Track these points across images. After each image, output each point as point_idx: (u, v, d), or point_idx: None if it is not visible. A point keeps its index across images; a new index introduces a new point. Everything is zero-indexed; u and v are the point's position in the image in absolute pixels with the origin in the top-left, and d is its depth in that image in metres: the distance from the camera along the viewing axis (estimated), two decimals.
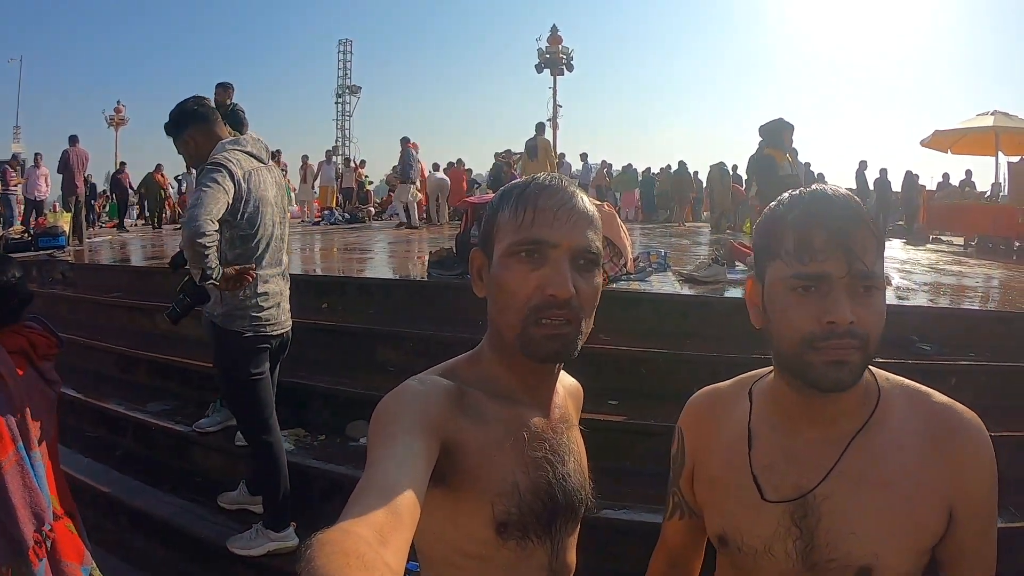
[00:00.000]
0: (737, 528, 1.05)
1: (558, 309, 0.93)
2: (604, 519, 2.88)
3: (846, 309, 0.89)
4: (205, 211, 2.60)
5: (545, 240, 0.94)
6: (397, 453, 0.80)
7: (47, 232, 9.82)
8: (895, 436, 0.98)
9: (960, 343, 3.97)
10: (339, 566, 0.57)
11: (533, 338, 0.94)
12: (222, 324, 2.94)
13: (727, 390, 1.16)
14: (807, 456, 1.00)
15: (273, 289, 3.02)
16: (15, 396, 2.07)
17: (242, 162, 2.86)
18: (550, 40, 23.49)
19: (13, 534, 2.03)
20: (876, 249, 0.92)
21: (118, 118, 31.22)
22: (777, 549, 1.00)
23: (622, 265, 4.95)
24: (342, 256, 8.32)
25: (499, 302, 0.97)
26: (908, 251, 10.37)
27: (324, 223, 16.06)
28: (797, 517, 0.98)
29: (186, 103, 3.04)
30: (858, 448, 0.98)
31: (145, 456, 4.07)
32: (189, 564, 3.33)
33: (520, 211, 0.96)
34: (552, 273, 0.93)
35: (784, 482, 1.00)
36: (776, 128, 5.59)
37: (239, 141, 2.97)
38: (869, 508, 0.95)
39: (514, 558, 0.97)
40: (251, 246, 2.91)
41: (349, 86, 40.75)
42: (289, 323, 3.18)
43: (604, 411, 3.50)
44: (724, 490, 1.08)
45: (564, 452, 1.05)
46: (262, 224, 2.93)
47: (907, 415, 0.99)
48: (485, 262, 1.01)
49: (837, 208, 0.93)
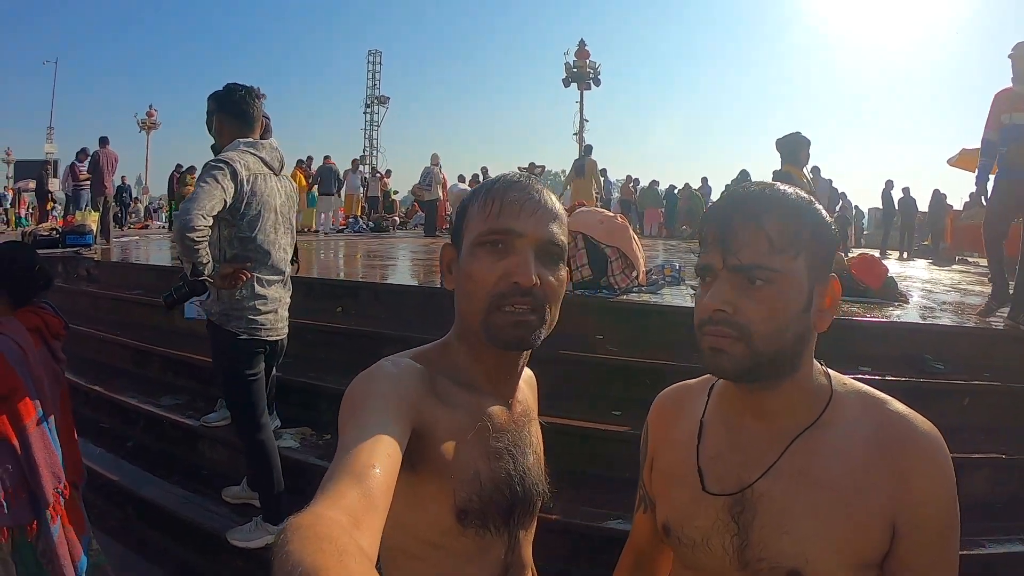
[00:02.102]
0: (678, 518, 1.05)
1: (522, 296, 0.96)
2: (597, 528, 2.88)
3: (715, 297, 0.93)
4: (198, 207, 2.63)
5: (511, 230, 0.97)
6: (370, 435, 0.80)
7: (75, 230, 9.99)
8: (841, 438, 0.95)
9: (975, 363, 3.89)
10: (313, 550, 0.57)
11: (496, 324, 0.97)
12: (218, 322, 2.98)
13: (693, 386, 1.16)
14: (750, 450, 0.99)
15: (272, 295, 3.03)
16: (34, 368, 2.26)
17: (250, 164, 2.88)
18: (578, 54, 23.55)
19: (36, 491, 2.22)
20: (769, 244, 0.91)
21: (150, 122, 31.85)
22: (714, 543, 0.99)
23: (634, 277, 4.94)
24: (361, 263, 8.38)
25: (466, 290, 0.99)
26: (932, 271, 10.23)
27: (348, 231, 16.20)
28: (735, 512, 0.98)
29: (238, 90, 3.07)
30: (801, 447, 0.96)
31: (155, 448, 4.13)
32: (190, 554, 3.37)
33: (488, 203, 0.99)
34: (517, 262, 0.96)
35: (727, 475, 1.00)
36: (792, 144, 5.56)
37: (255, 145, 2.99)
38: (804, 508, 0.93)
39: (472, 548, 0.98)
40: (250, 248, 2.93)
41: (377, 97, 41.01)
42: (286, 330, 3.19)
43: (607, 421, 3.49)
44: (672, 480, 1.08)
45: (525, 445, 1.06)
46: (262, 229, 2.94)
47: (858, 419, 0.97)
48: (454, 255, 1.04)
49: (729, 204, 0.96)
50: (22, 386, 2.21)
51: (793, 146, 5.63)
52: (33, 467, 2.22)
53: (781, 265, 0.91)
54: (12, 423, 2.18)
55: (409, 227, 18.57)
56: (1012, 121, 4.68)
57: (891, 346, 4.00)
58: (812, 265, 0.93)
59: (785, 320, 0.92)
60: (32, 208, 21.15)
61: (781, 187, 0.97)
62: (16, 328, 2.28)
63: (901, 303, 5.23)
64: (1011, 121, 4.69)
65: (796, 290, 0.92)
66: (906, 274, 8.50)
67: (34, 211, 20.78)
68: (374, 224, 16.82)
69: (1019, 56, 4.80)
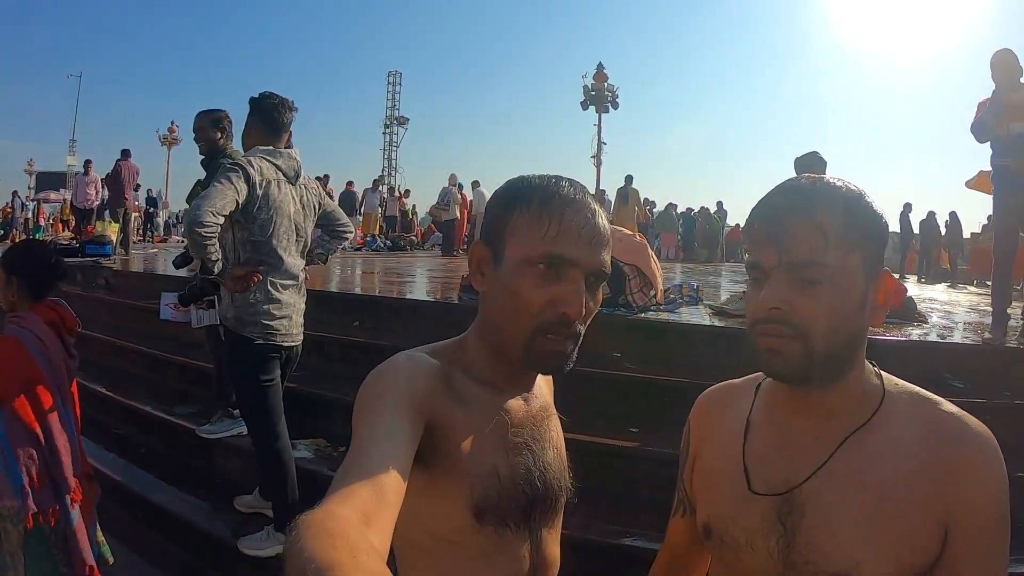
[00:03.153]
0: (721, 518, 1.02)
1: (566, 327, 0.94)
2: (614, 545, 2.84)
3: (771, 295, 0.90)
4: (209, 204, 2.67)
5: (567, 258, 0.93)
6: (383, 431, 0.80)
7: (94, 240, 10.13)
8: (893, 440, 0.92)
9: (995, 382, 3.83)
10: (325, 547, 0.57)
11: (538, 352, 0.94)
12: (233, 328, 2.97)
13: (738, 385, 1.14)
14: (799, 451, 0.96)
15: (286, 300, 3.03)
16: (53, 359, 2.38)
17: (264, 170, 2.91)
18: (596, 77, 23.69)
19: (57, 478, 2.33)
20: (824, 239, 0.88)
21: (171, 137, 32.31)
22: (759, 544, 0.96)
23: (652, 296, 4.92)
24: (378, 279, 8.42)
25: (507, 308, 0.95)
26: (950, 293, 10.14)
27: (366, 249, 16.31)
28: (782, 513, 0.95)
29: (272, 99, 3.12)
30: (852, 448, 0.92)
31: (169, 455, 4.14)
32: (200, 561, 3.37)
33: (545, 221, 0.94)
34: (569, 292, 0.93)
35: (773, 475, 0.97)
36: (805, 164, 5.54)
37: (273, 152, 3.02)
38: (854, 510, 0.90)
39: (490, 546, 0.96)
40: (263, 253, 2.96)
41: (397, 117, 41.53)
42: (300, 337, 3.18)
43: (624, 438, 3.46)
44: (715, 479, 1.05)
45: (544, 440, 1.04)
46: (275, 234, 2.97)
47: (910, 420, 0.93)
48: (488, 256, 0.99)
49: (781, 199, 0.93)
50: (43, 376, 2.32)
51: (806, 166, 5.62)
52: (55, 453, 2.32)
53: (836, 261, 0.88)
54: (35, 411, 2.28)
55: (426, 246, 18.66)
56: (1013, 131, 4.61)
57: (910, 365, 3.88)
58: (867, 260, 0.91)
59: (841, 318, 0.89)
60: (53, 219, 21.46)
61: (832, 180, 0.93)
62: (34, 321, 2.39)
63: (920, 322, 5.17)
64: (1011, 131, 4.61)
65: (852, 287, 0.90)
66: (924, 296, 8.41)
67: (54, 222, 21.08)
68: (392, 243, 16.93)
69: (998, 65, 4.76)
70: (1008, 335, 4.54)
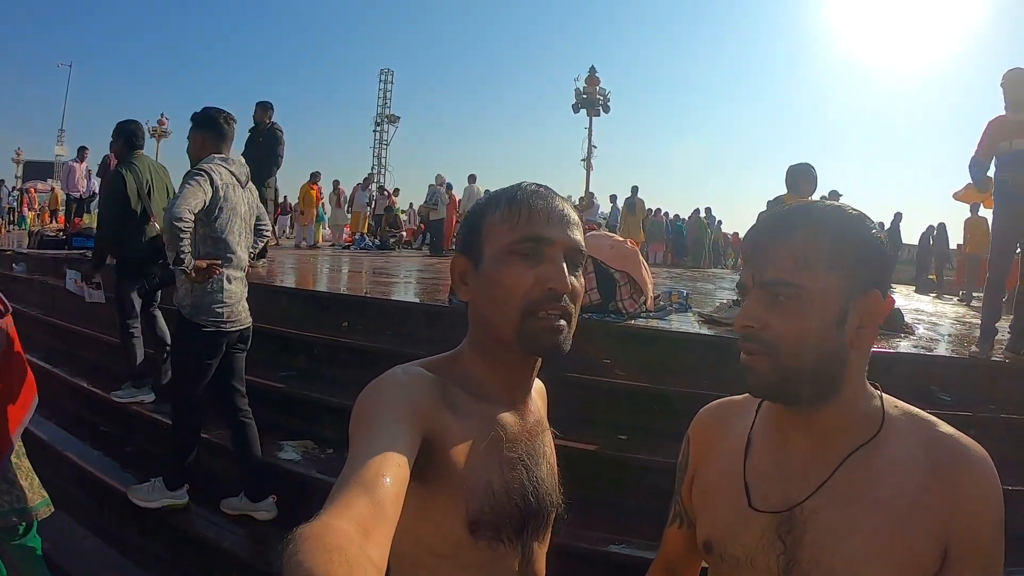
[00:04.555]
0: (722, 535, 1.03)
1: (555, 303, 0.97)
2: (604, 553, 2.85)
3: (743, 313, 0.96)
4: (184, 202, 3.09)
5: (543, 237, 0.98)
6: (381, 444, 0.80)
7: (81, 232, 10.01)
8: (893, 459, 0.94)
9: (981, 395, 3.88)
10: (321, 561, 0.57)
11: (532, 331, 0.97)
12: (188, 315, 3.32)
13: (738, 401, 1.16)
14: (799, 469, 0.98)
15: (235, 289, 3.41)
16: None
17: (223, 175, 3.33)
18: (588, 81, 23.71)
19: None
20: (794, 261, 0.92)
21: (161, 130, 32.06)
22: (759, 562, 0.98)
23: (642, 302, 4.93)
24: (367, 279, 8.39)
25: (495, 298, 0.98)
26: (936, 304, 10.21)
27: (355, 248, 16.26)
28: (782, 531, 0.97)
29: (218, 113, 3.51)
30: (852, 467, 0.95)
31: (155, 454, 4.10)
32: (186, 562, 3.35)
33: (515, 212, 1.00)
34: (551, 268, 0.97)
35: (774, 492, 0.99)
36: (793, 174, 5.58)
37: (228, 160, 3.43)
38: (856, 528, 0.92)
39: (484, 560, 0.97)
40: (220, 247, 3.34)
41: (388, 115, 41.36)
42: (248, 320, 3.55)
43: (613, 444, 3.47)
44: (716, 495, 1.07)
45: (539, 455, 1.05)
46: (230, 231, 3.37)
47: (909, 441, 0.95)
48: (469, 266, 1.03)
49: (762, 224, 0.98)
50: None
51: (794, 176, 5.65)
52: None
53: (805, 281, 0.91)
54: None
55: (414, 246, 18.62)
56: (1014, 148, 4.64)
57: (896, 377, 3.92)
58: (848, 280, 0.92)
59: (811, 336, 0.92)
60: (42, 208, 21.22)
61: (820, 204, 0.97)
62: None
63: (907, 334, 5.21)
64: (1012, 148, 4.64)
65: (824, 306, 0.92)
66: (911, 307, 8.47)
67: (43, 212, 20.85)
68: (381, 242, 16.88)
69: (1010, 83, 4.80)
70: (995, 349, 4.58)
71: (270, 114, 8.18)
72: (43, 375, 5.53)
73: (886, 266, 0.97)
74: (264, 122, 8.10)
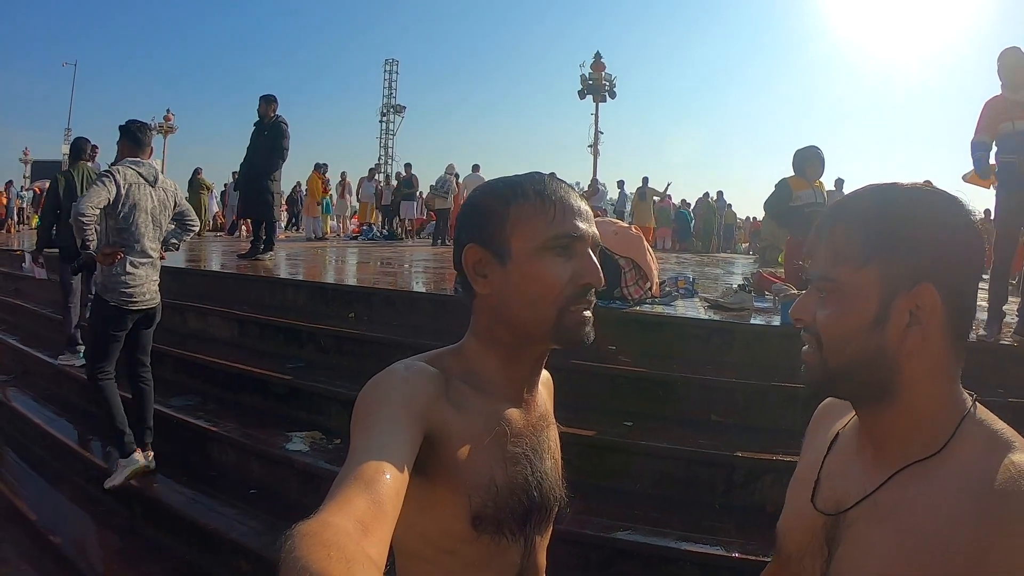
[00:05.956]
0: (785, 527, 1.03)
1: (588, 297, 0.99)
2: (608, 539, 2.86)
3: (796, 306, 0.93)
4: (88, 200, 3.66)
5: (577, 234, 0.99)
6: (382, 440, 0.79)
7: None
8: (949, 478, 0.82)
9: (990, 380, 3.81)
10: (320, 557, 0.57)
11: (568, 326, 0.98)
12: (99, 292, 3.91)
13: None
14: (858, 474, 0.92)
15: (140, 273, 3.91)
16: None
17: (127, 176, 3.84)
18: (594, 67, 23.62)
19: None
20: (833, 254, 0.88)
21: (167, 126, 32.17)
22: (807, 563, 0.95)
23: (647, 288, 4.93)
24: (373, 269, 8.40)
25: (530, 293, 0.97)
26: None
27: (362, 238, 16.27)
28: (830, 535, 0.92)
29: (136, 124, 4.11)
30: (902, 482, 0.85)
31: (164, 448, 4.13)
32: (196, 553, 3.38)
33: (549, 207, 0.98)
34: (586, 264, 0.99)
35: (833, 493, 0.95)
36: (799, 157, 5.53)
37: (137, 162, 3.95)
38: (885, 547, 0.84)
39: (486, 554, 0.97)
40: (124, 237, 3.86)
41: (393, 105, 41.31)
42: (155, 301, 4.06)
43: (619, 432, 3.47)
44: (795, 487, 1.05)
45: (543, 450, 1.05)
46: (134, 224, 3.87)
47: (977, 464, 0.81)
48: (488, 257, 1.00)
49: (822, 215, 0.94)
50: None
51: (800, 160, 5.60)
52: None
53: (842, 275, 0.87)
54: None
55: (422, 235, 18.64)
56: (1017, 128, 4.56)
57: None
58: (886, 275, 0.85)
59: (848, 332, 0.86)
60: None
61: (870, 192, 0.90)
62: None
63: None
64: (1016, 129, 4.57)
65: (860, 302, 0.86)
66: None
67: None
68: (388, 232, 16.89)
69: (1008, 64, 4.73)
70: (1003, 332, 4.55)
71: (274, 107, 8.17)
72: (55, 372, 5.62)
73: (954, 256, 0.85)
74: (268, 115, 8.10)
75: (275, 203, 8.56)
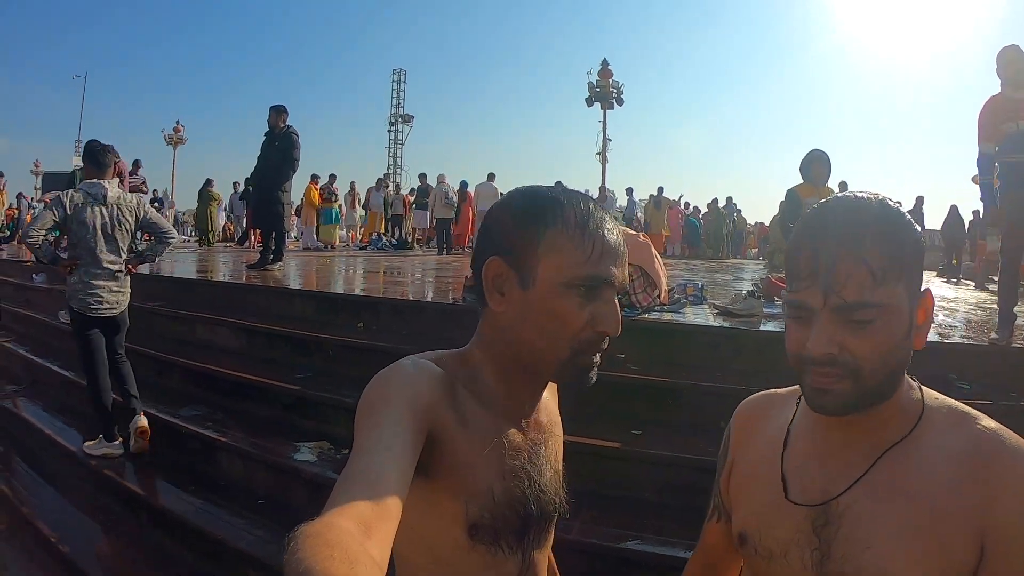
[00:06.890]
0: (757, 527, 1.01)
1: (603, 344, 0.95)
2: (615, 548, 2.83)
3: (821, 342, 0.87)
4: (35, 224, 4.23)
5: (607, 279, 0.94)
6: (385, 440, 0.79)
7: None
8: (931, 454, 0.91)
9: (1002, 383, 3.77)
10: (322, 558, 0.57)
11: (574, 369, 0.95)
12: (67, 299, 4.45)
13: (780, 394, 1.13)
14: (838, 463, 0.96)
15: (95, 283, 4.33)
16: None
17: (74, 197, 4.31)
18: (601, 74, 23.68)
19: None
20: (872, 277, 0.86)
21: (177, 136, 32.43)
22: (793, 556, 0.96)
23: (656, 296, 4.90)
24: (382, 279, 8.41)
25: (544, 328, 0.94)
26: (956, 290, 10.05)
27: (371, 248, 16.33)
28: (818, 525, 0.94)
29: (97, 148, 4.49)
30: (890, 461, 0.92)
31: (173, 457, 4.15)
32: (204, 563, 3.37)
33: (588, 243, 0.93)
34: (608, 311, 0.94)
35: (812, 485, 0.97)
36: (805, 162, 5.50)
37: (90, 184, 4.39)
38: (890, 524, 0.89)
39: (483, 565, 0.96)
40: (77, 251, 4.33)
41: (402, 115, 41.57)
42: (117, 309, 4.45)
43: (627, 440, 3.44)
44: (753, 487, 1.05)
45: (542, 462, 1.03)
46: (82, 240, 4.30)
47: (948, 435, 0.92)
48: (510, 274, 0.95)
49: (823, 229, 0.90)
50: None
51: (806, 165, 5.57)
52: None
53: (884, 298, 0.86)
54: None
55: (431, 245, 18.71)
56: (1020, 128, 4.51)
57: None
58: (910, 286, 0.89)
59: (891, 350, 0.88)
60: None
61: (874, 202, 0.90)
62: None
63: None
64: (1020, 128, 4.52)
65: (899, 318, 0.88)
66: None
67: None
68: (397, 242, 16.94)
69: (1008, 62, 4.68)
70: (1015, 336, 4.49)
71: (284, 117, 8.22)
72: (65, 382, 5.64)
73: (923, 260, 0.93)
74: (279, 126, 8.15)
75: (286, 213, 8.60)
